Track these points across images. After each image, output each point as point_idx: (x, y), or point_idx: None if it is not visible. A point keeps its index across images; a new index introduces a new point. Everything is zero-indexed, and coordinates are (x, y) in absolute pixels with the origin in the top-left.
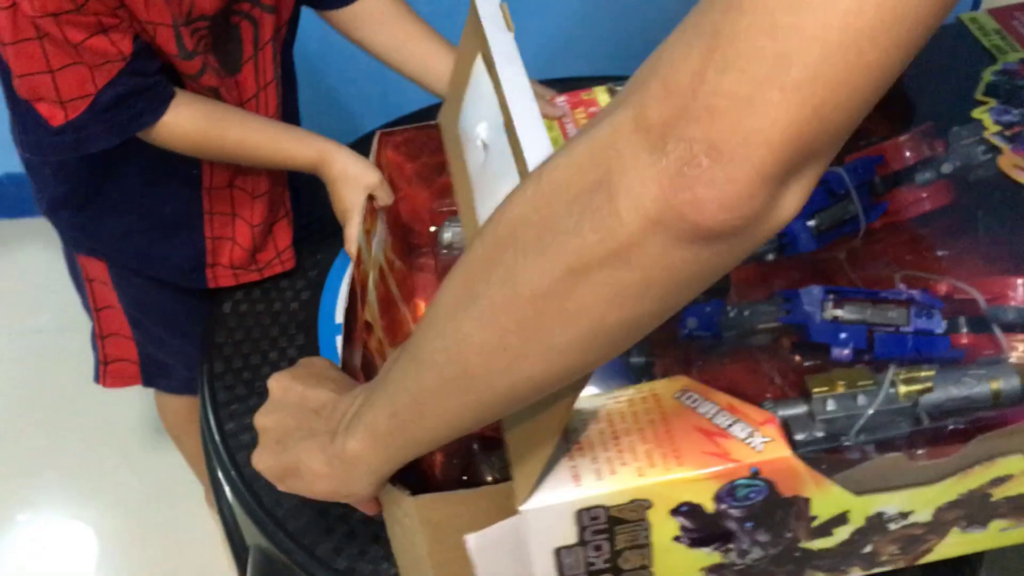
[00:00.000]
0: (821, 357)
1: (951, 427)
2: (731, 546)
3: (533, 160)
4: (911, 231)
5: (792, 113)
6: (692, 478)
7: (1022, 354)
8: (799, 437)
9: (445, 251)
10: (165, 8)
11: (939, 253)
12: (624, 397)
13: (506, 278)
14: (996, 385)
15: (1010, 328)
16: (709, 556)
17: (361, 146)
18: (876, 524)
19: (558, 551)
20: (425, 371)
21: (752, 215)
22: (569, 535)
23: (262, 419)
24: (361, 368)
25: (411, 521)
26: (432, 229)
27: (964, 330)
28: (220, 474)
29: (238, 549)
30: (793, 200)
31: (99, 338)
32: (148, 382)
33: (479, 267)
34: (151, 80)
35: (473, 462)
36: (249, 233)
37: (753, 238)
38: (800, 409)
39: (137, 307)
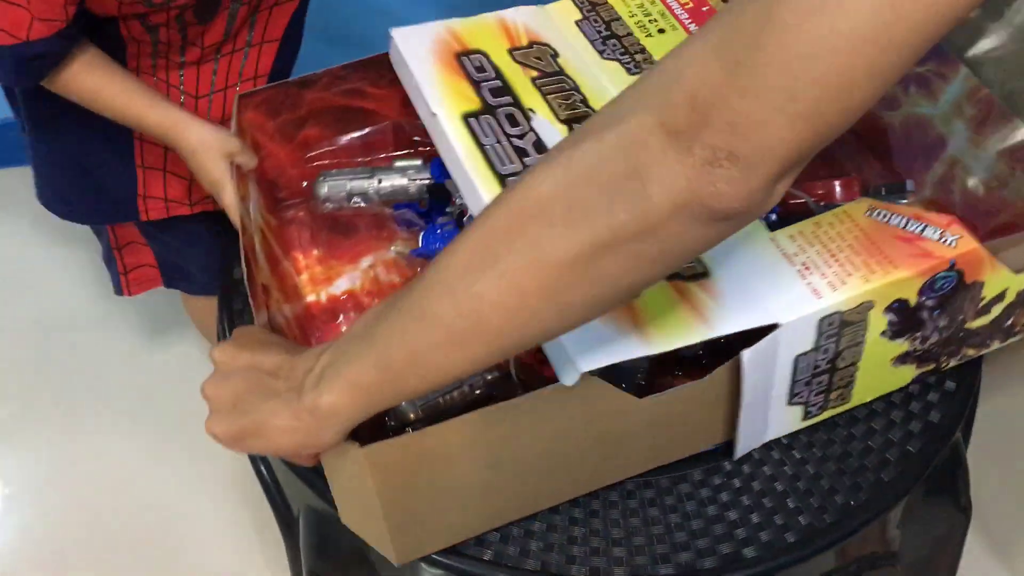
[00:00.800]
0: None
1: None
2: (918, 334)
3: None
4: None
5: (795, 135)
6: (907, 276)
7: None
8: None
9: (324, 204)
10: None
11: None
12: (824, 223)
13: (531, 246)
14: None
15: None
16: (900, 346)
17: None
18: (1022, 298)
19: (796, 357)
20: (428, 327)
21: (756, 204)
22: (808, 342)
23: (213, 389)
24: (269, 328)
25: (359, 468)
26: (304, 184)
27: None
28: None
29: (284, 515)
30: (782, 190)
31: (115, 250)
32: (169, 284)
33: (500, 235)
34: (68, 43)
35: None
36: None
37: (750, 219)
38: None
39: (148, 223)
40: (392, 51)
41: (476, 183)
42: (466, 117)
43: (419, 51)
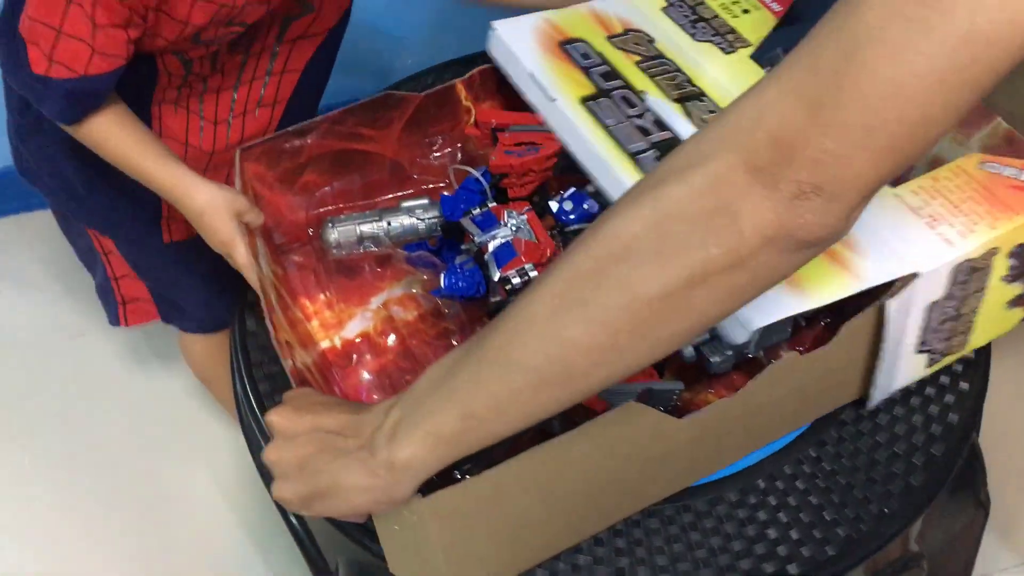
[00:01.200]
0: None
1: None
2: None
3: None
4: None
5: (875, 167)
6: None
7: None
8: (715, 359)
9: (334, 250)
10: (208, 12)
11: None
12: (941, 177)
13: (621, 285)
14: None
15: None
16: (1015, 289)
17: None
18: None
19: (929, 307)
20: (514, 373)
21: (839, 230)
22: (940, 290)
23: (277, 453)
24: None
25: (419, 517)
26: (310, 231)
27: None
28: None
29: (321, 568)
30: (859, 214)
31: (113, 280)
32: (166, 319)
33: (586, 278)
34: (115, 83)
35: None
36: None
37: (832, 243)
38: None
39: (139, 255)
40: (493, 44)
41: (609, 162)
42: (584, 101)
43: (523, 42)
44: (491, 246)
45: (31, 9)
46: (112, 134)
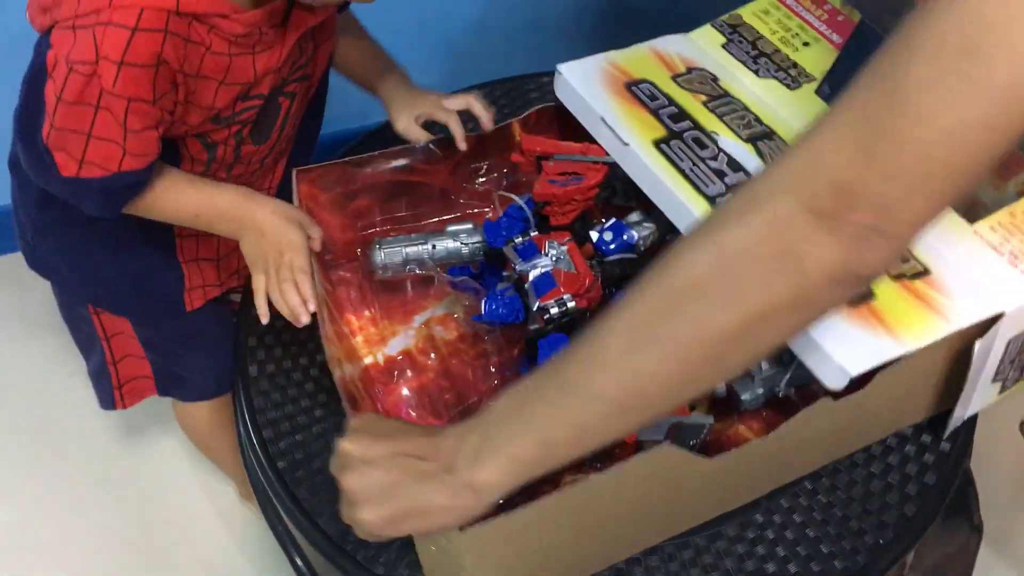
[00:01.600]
0: None
1: None
2: None
3: None
4: None
5: (930, 208)
6: None
7: None
8: (745, 397)
9: (380, 271)
10: (231, 93)
11: None
12: (1018, 212)
13: (692, 323)
14: None
15: None
16: None
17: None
18: None
19: (1009, 341)
20: (591, 403)
21: (892, 264)
22: (1019, 326)
23: (357, 480)
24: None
25: (455, 546)
26: (359, 250)
27: None
28: (298, 534)
29: None
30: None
31: (111, 365)
32: (164, 392)
33: (658, 315)
34: (149, 175)
35: None
36: (213, 249)
37: (884, 274)
38: None
39: (155, 331)
40: (559, 86)
41: (690, 207)
42: (656, 144)
43: (589, 84)
44: (531, 275)
45: (57, 119)
46: (158, 195)
